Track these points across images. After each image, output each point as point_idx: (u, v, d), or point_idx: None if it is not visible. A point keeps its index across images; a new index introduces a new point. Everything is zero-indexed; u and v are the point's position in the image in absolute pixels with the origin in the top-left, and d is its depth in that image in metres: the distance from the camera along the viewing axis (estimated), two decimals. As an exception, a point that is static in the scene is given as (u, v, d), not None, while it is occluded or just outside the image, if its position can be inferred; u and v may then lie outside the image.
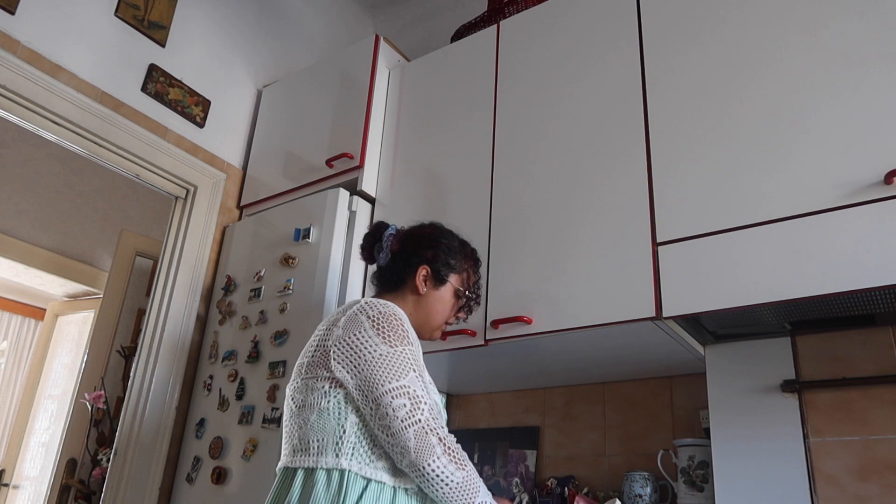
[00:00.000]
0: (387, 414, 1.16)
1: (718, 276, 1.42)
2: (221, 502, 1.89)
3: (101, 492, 2.07)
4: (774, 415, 1.59)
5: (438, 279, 1.42)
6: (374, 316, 1.25)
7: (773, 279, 1.35)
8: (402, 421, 1.15)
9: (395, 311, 1.27)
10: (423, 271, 1.41)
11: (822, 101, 1.42)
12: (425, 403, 1.18)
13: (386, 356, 1.20)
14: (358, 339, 1.23)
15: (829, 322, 1.60)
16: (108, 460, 2.57)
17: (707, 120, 1.57)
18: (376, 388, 1.18)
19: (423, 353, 1.52)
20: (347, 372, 1.21)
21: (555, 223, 1.73)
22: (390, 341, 1.22)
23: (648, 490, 1.75)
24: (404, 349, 1.22)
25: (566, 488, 1.90)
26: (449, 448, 1.16)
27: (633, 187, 1.62)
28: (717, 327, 1.68)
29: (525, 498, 1.95)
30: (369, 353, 1.21)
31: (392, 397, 1.17)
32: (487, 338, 1.73)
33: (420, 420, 1.16)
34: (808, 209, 1.36)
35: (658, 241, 1.53)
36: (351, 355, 1.22)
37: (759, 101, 1.51)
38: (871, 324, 1.57)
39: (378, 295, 1.45)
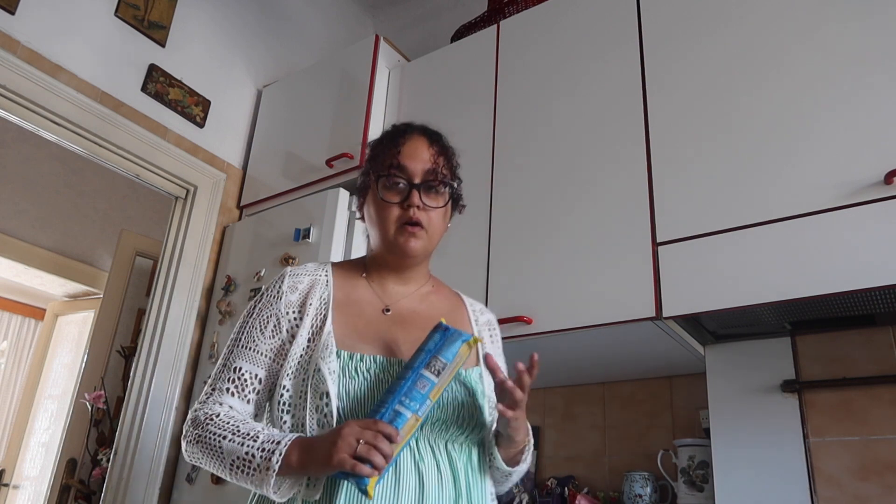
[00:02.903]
0: None
1: (718, 276, 1.42)
2: (221, 502, 1.89)
3: (101, 492, 2.07)
4: (774, 415, 1.59)
5: (363, 193, 1.19)
6: None
7: (773, 279, 1.35)
8: None
9: (268, 285, 1.14)
10: (359, 203, 1.22)
11: (822, 102, 1.42)
12: (216, 380, 1.09)
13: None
14: None
15: (829, 322, 1.59)
16: (108, 460, 2.57)
17: (707, 120, 1.57)
18: None
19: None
20: None
21: (555, 223, 1.73)
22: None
23: (648, 490, 1.75)
24: (242, 320, 1.12)
25: (566, 488, 1.90)
26: (188, 428, 1.04)
27: (633, 187, 1.62)
28: (717, 327, 1.68)
29: (525, 498, 1.95)
30: None
31: None
32: (487, 338, 1.73)
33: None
34: (808, 209, 1.36)
35: (658, 241, 1.54)
36: None
37: (759, 101, 1.50)
38: (871, 324, 1.57)
39: None
